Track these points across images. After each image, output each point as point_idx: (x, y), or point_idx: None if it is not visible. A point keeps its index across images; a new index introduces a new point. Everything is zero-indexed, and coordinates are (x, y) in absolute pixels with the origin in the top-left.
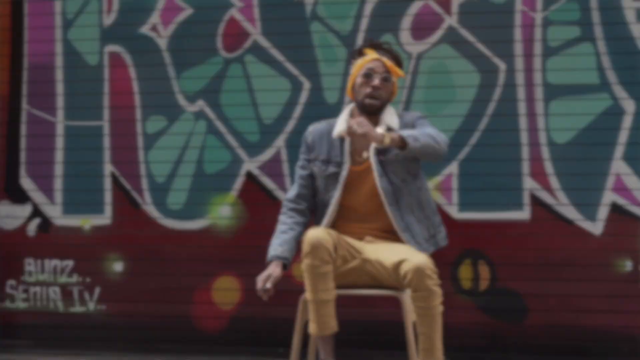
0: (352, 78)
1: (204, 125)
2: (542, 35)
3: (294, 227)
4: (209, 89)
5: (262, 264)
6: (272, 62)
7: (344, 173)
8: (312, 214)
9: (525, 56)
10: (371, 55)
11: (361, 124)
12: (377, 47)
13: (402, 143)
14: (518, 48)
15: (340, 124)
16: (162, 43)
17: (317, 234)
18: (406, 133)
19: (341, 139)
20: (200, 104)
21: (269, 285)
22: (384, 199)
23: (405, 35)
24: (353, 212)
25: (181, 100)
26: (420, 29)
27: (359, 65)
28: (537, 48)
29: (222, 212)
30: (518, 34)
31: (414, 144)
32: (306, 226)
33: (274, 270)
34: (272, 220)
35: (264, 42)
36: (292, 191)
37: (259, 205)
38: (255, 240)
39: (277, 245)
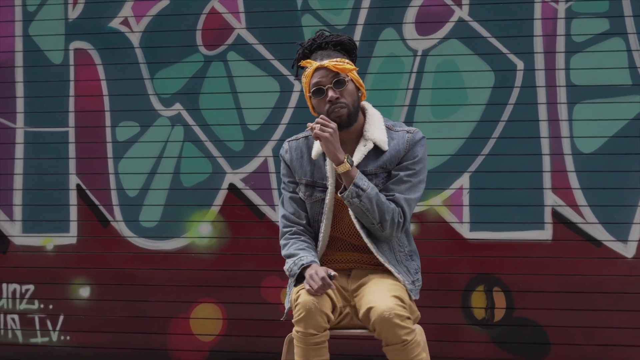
0: (307, 100)
1: (182, 131)
2: (565, 30)
3: (312, 245)
4: (187, 91)
5: (247, 290)
6: (259, 60)
7: (327, 201)
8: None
9: (547, 53)
10: (310, 66)
11: (325, 125)
12: (312, 47)
13: (350, 186)
14: (538, 44)
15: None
16: (135, 39)
17: (312, 297)
18: (364, 184)
19: (324, 158)
20: (177, 108)
21: (332, 272)
22: (359, 228)
23: (409, 30)
24: (339, 241)
25: (156, 103)
26: (427, 23)
27: (305, 84)
28: (560, 44)
29: (202, 230)
30: (538, 27)
31: (359, 201)
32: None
33: (318, 267)
34: (258, 239)
35: (250, 38)
36: (285, 211)
37: (244, 222)
38: (239, 262)
39: (308, 253)
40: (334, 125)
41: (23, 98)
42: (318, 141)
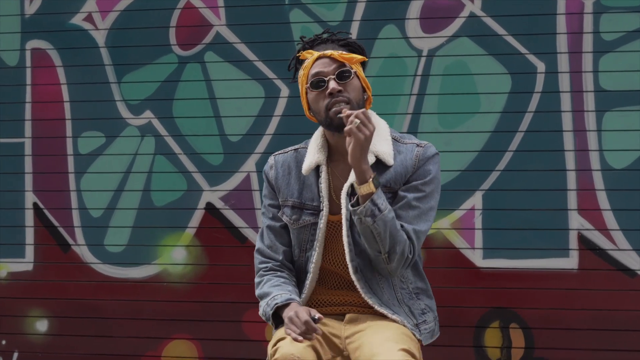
0: (303, 98)
1: (152, 143)
2: (593, 27)
3: (290, 281)
4: (159, 97)
5: (226, 324)
6: (240, 61)
7: (322, 225)
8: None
9: (572, 54)
10: (310, 56)
11: (365, 124)
12: (317, 42)
13: (367, 202)
14: (562, 43)
15: (313, 155)
16: (100, 37)
17: (292, 350)
18: (382, 203)
19: (316, 175)
20: (148, 116)
21: (317, 314)
22: (348, 261)
23: (412, 27)
24: (332, 276)
25: (123, 111)
26: (433, 19)
27: (303, 76)
28: (587, 43)
29: (175, 256)
30: (562, 24)
31: (372, 222)
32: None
33: (298, 308)
34: (240, 267)
35: (230, 36)
36: (261, 243)
37: (223, 247)
38: (217, 292)
39: (283, 290)
40: (372, 127)
41: None
42: (311, 152)
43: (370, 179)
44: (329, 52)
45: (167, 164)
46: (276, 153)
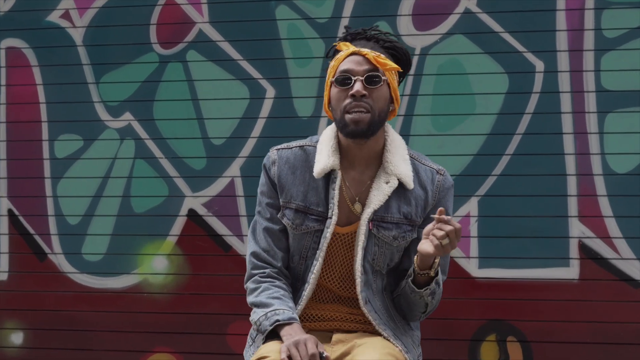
0: (326, 89)
1: (132, 146)
2: (595, 23)
3: (289, 293)
4: (139, 98)
5: (210, 337)
6: (224, 60)
7: (328, 235)
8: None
9: (572, 52)
10: (345, 49)
11: (454, 240)
12: (360, 36)
13: (432, 283)
14: (561, 40)
15: (327, 157)
16: (77, 35)
17: None
18: (441, 279)
19: (327, 178)
20: (127, 118)
21: (325, 352)
22: (358, 292)
23: (404, 24)
24: (324, 291)
25: (102, 112)
26: (426, 15)
27: (332, 69)
28: (589, 40)
29: (156, 265)
30: (562, 20)
31: (432, 299)
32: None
33: (304, 334)
34: (224, 276)
35: (213, 34)
36: (257, 246)
37: (206, 256)
38: (200, 303)
39: (284, 306)
40: (458, 240)
41: None
42: (322, 152)
43: (434, 267)
44: (365, 50)
45: (148, 168)
46: (278, 147)
